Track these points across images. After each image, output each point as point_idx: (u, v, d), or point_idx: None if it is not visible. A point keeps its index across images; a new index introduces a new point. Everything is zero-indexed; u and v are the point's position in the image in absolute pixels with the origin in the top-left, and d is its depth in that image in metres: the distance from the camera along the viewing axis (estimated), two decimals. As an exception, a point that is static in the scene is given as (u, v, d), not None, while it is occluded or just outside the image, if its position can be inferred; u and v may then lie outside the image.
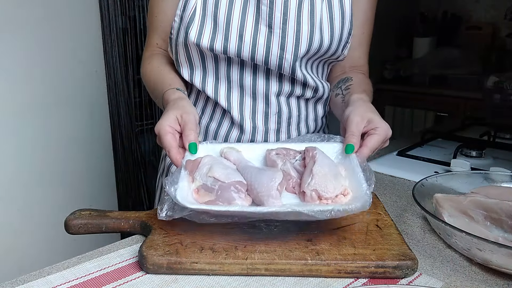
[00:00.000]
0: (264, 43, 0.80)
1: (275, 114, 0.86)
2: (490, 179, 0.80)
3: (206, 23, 0.79)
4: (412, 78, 2.73)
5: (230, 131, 0.87)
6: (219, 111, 0.88)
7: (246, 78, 0.84)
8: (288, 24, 0.79)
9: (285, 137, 0.88)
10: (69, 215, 0.68)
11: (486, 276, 0.58)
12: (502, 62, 2.53)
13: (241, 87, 0.85)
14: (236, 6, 0.79)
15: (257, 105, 0.86)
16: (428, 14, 2.81)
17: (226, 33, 0.79)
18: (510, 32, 2.59)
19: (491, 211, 0.66)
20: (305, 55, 0.82)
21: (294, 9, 0.79)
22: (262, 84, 0.84)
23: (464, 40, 2.73)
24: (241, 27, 0.79)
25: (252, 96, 0.85)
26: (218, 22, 0.79)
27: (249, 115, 0.86)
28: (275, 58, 0.80)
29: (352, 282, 0.56)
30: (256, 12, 0.79)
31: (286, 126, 0.88)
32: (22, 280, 0.57)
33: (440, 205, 0.70)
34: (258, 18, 0.79)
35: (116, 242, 0.68)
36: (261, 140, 0.87)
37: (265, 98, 0.85)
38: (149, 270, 0.57)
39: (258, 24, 0.79)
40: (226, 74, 0.84)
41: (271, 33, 0.79)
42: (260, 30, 0.79)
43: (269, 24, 0.79)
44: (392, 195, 0.85)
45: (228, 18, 0.79)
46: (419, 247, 0.65)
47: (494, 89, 1.43)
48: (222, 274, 0.57)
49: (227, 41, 0.79)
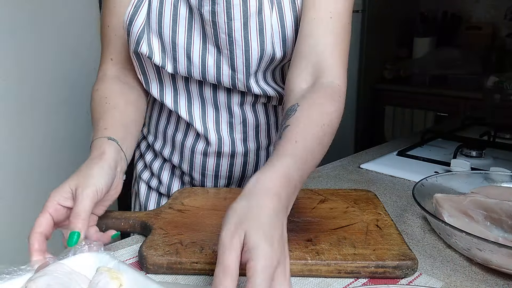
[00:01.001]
0: (213, 64, 0.74)
1: (239, 123, 0.81)
2: (490, 179, 0.80)
3: (152, 40, 0.74)
4: (412, 78, 2.73)
5: (196, 143, 0.83)
6: (183, 122, 0.83)
7: (206, 91, 0.79)
8: (235, 44, 0.72)
9: (254, 145, 0.84)
10: (69, 215, 0.68)
11: (486, 276, 0.58)
12: (502, 62, 2.53)
13: (202, 99, 0.80)
14: (180, 25, 0.73)
15: (220, 116, 0.81)
16: (428, 14, 2.81)
17: (174, 53, 0.74)
18: (510, 32, 2.59)
19: (491, 211, 0.66)
20: (257, 70, 0.75)
21: (240, 29, 0.71)
22: (223, 95, 0.79)
23: (464, 40, 2.73)
24: (188, 48, 0.74)
25: (214, 107, 0.80)
26: (164, 41, 0.73)
27: (213, 126, 0.81)
28: (227, 78, 0.75)
29: (352, 282, 0.56)
30: (202, 31, 0.73)
31: (253, 135, 0.83)
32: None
33: (440, 205, 0.70)
34: (205, 38, 0.73)
35: (116, 242, 0.68)
36: (228, 151, 0.82)
37: (228, 109, 0.80)
38: (149, 270, 0.57)
39: (205, 43, 0.74)
40: (184, 87, 0.79)
41: (220, 53, 0.74)
42: (208, 50, 0.74)
43: (216, 44, 0.73)
44: (392, 195, 0.85)
45: (174, 38, 0.73)
46: (419, 247, 0.65)
47: (494, 89, 1.43)
48: (222, 274, 0.57)
49: (176, 62, 0.74)
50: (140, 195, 0.93)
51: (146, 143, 0.92)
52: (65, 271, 0.50)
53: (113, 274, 0.50)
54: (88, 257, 0.55)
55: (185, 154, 0.85)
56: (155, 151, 0.90)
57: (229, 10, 0.70)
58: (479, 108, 2.17)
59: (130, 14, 0.73)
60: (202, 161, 0.84)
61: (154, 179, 0.91)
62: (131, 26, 0.73)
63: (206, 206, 0.71)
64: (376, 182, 0.92)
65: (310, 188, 0.81)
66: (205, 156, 0.84)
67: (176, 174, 0.89)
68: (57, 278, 0.48)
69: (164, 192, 0.90)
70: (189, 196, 0.76)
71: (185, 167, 0.86)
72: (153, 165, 0.90)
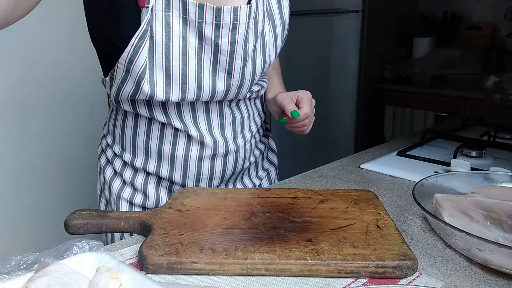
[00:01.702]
0: (223, 89, 0.78)
1: (230, 123, 0.85)
2: (490, 179, 0.80)
3: (156, 76, 0.73)
4: (412, 78, 2.73)
5: (189, 150, 0.83)
6: (168, 134, 0.82)
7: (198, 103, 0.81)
8: (246, 67, 0.78)
9: (241, 141, 0.86)
10: (69, 215, 0.68)
11: (486, 276, 0.58)
12: (502, 62, 2.53)
13: (193, 107, 0.81)
14: (190, 57, 0.73)
15: (211, 119, 0.83)
16: (428, 14, 2.81)
17: (184, 86, 0.74)
18: (510, 32, 2.59)
19: (491, 211, 0.66)
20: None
21: (252, 51, 0.77)
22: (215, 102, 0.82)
23: (464, 40, 2.73)
24: (199, 78, 0.75)
25: (205, 112, 0.82)
26: (172, 75, 0.73)
27: (206, 129, 0.82)
28: (233, 95, 0.81)
29: (352, 282, 0.56)
30: (213, 60, 0.75)
31: (240, 131, 0.87)
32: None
33: (440, 205, 0.70)
34: (215, 66, 0.75)
35: (116, 242, 0.68)
36: (223, 152, 0.83)
37: (219, 111, 0.83)
38: (149, 270, 0.57)
39: (215, 71, 0.76)
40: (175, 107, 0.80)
41: (230, 78, 0.77)
42: (218, 76, 0.76)
43: (229, 71, 0.76)
44: (392, 195, 0.85)
45: (184, 70, 0.73)
46: (419, 247, 0.65)
47: (494, 89, 1.43)
48: (222, 274, 0.57)
49: (184, 94, 0.75)
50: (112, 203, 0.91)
51: (121, 161, 0.89)
52: (65, 271, 0.50)
53: (113, 274, 0.50)
54: (88, 257, 0.55)
55: (177, 163, 0.83)
56: (136, 167, 0.87)
57: (246, 38, 0.74)
58: (479, 108, 2.17)
59: (129, 54, 0.71)
60: (197, 167, 0.84)
61: (138, 194, 0.88)
62: (131, 65, 0.71)
63: (206, 206, 0.71)
64: (376, 182, 0.92)
65: (310, 188, 0.81)
66: (200, 161, 0.84)
67: (163, 185, 0.87)
68: (57, 278, 0.48)
69: (152, 206, 0.88)
70: (189, 196, 0.76)
71: (177, 177, 0.85)
72: (135, 181, 0.87)
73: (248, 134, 0.88)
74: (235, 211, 0.69)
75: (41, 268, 0.51)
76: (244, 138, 0.87)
